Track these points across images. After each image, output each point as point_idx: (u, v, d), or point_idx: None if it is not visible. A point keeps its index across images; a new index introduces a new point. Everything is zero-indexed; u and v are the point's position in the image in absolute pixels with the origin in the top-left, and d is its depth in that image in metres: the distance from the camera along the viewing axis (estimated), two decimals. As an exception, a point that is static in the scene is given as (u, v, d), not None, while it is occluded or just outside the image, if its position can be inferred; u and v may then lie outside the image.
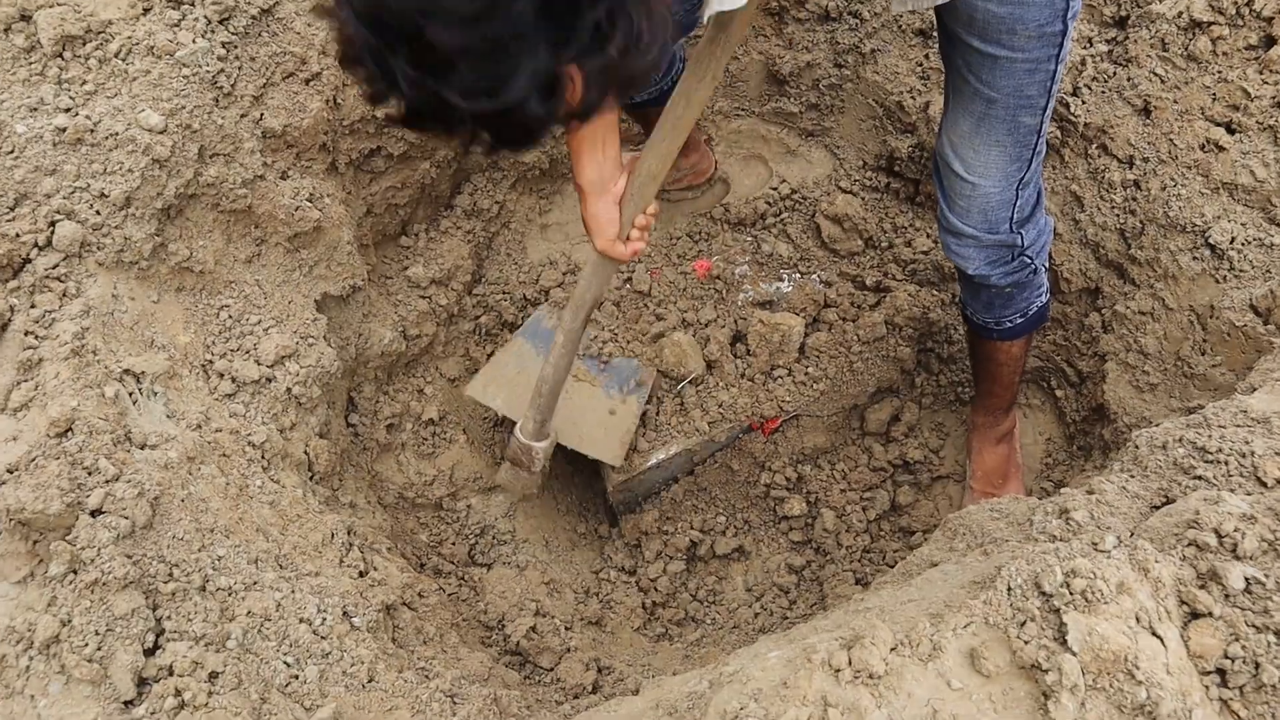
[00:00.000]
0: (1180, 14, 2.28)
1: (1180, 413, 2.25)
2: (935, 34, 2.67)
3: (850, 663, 1.31)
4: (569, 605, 2.38)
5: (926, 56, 2.68)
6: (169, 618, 1.50)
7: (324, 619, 1.64)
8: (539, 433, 2.22)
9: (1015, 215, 2.01)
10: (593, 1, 0.91)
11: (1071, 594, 1.30)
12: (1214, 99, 2.26)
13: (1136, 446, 1.77)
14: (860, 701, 1.26)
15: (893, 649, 1.33)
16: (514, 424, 2.29)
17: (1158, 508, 1.61)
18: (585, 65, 0.95)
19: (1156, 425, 1.83)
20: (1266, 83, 2.18)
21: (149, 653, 1.46)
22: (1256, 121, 2.18)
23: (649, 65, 1.00)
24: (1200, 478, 1.61)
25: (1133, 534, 1.47)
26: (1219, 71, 2.26)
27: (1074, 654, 1.25)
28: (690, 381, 2.51)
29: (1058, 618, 1.29)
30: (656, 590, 2.48)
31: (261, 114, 2.03)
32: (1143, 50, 2.33)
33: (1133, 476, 1.70)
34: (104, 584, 1.46)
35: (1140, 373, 2.35)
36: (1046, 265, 2.18)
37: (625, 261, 1.95)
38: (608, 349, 2.52)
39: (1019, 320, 2.23)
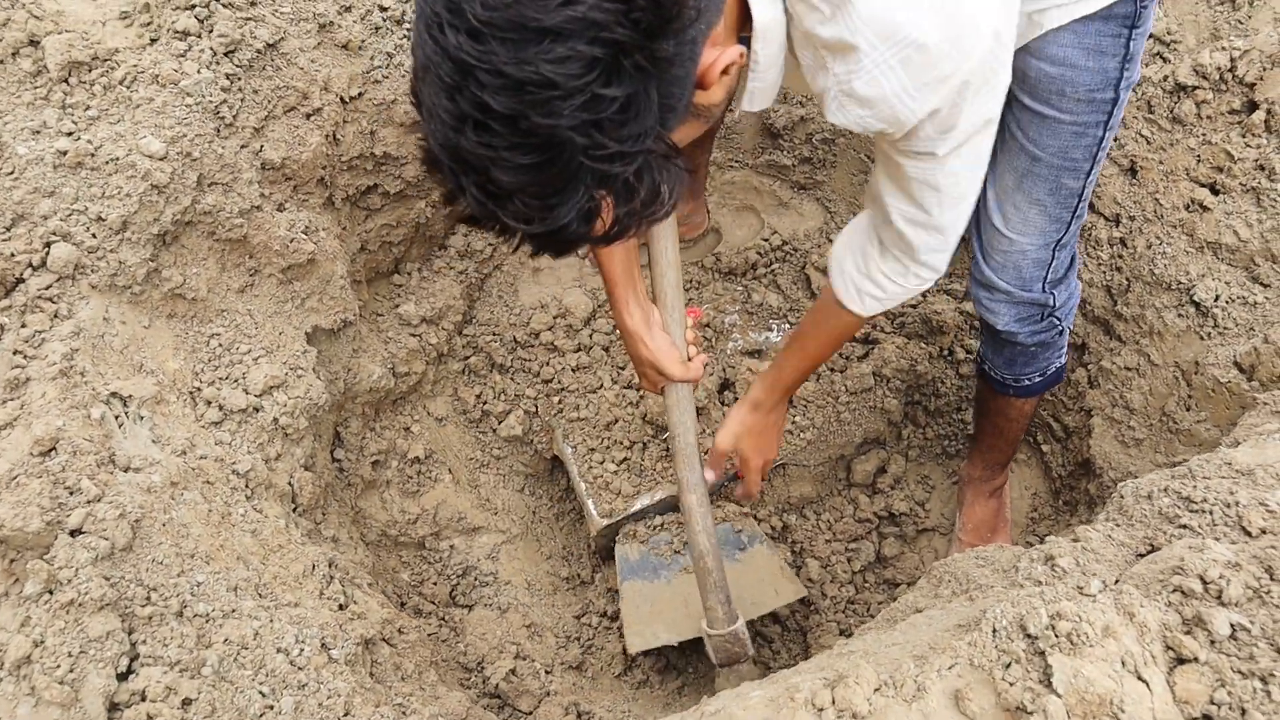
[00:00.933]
0: (1166, 78, 2.33)
1: (1165, 468, 2.26)
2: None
3: (834, 702, 1.29)
4: (550, 649, 2.36)
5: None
6: (144, 642, 1.48)
7: (302, 650, 1.61)
8: (730, 614, 2.13)
9: (1049, 275, 2.01)
10: (625, 162, 1.05)
11: (1057, 636, 1.29)
12: (1198, 160, 2.30)
13: (1122, 496, 1.78)
14: (843, 740, 1.25)
15: (876, 689, 1.31)
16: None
17: (1143, 555, 1.61)
18: (616, 206, 1.11)
19: (1137, 479, 1.83)
20: (1249, 145, 2.22)
21: (122, 677, 1.44)
22: (1240, 183, 2.22)
23: (666, 211, 1.15)
24: (1185, 526, 1.62)
25: (1118, 580, 1.46)
26: (1203, 134, 2.31)
27: (1059, 696, 1.24)
28: None
29: (1043, 660, 1.28)
30: (638, 637, 2.45)
31: (261, 145, 2.05)
32: (1130, 112, 2.38)
33: (1118, 525, 1.70)
34: (80, 605, 1.44)
35: (1126, 428, 2.36)
36: (1071, 328, 2.20)
37: (699, 380, 2.01)
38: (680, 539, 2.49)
39: (1037, 379, 2.23)
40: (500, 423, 2.62)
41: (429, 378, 2.59)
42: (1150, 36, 2.39)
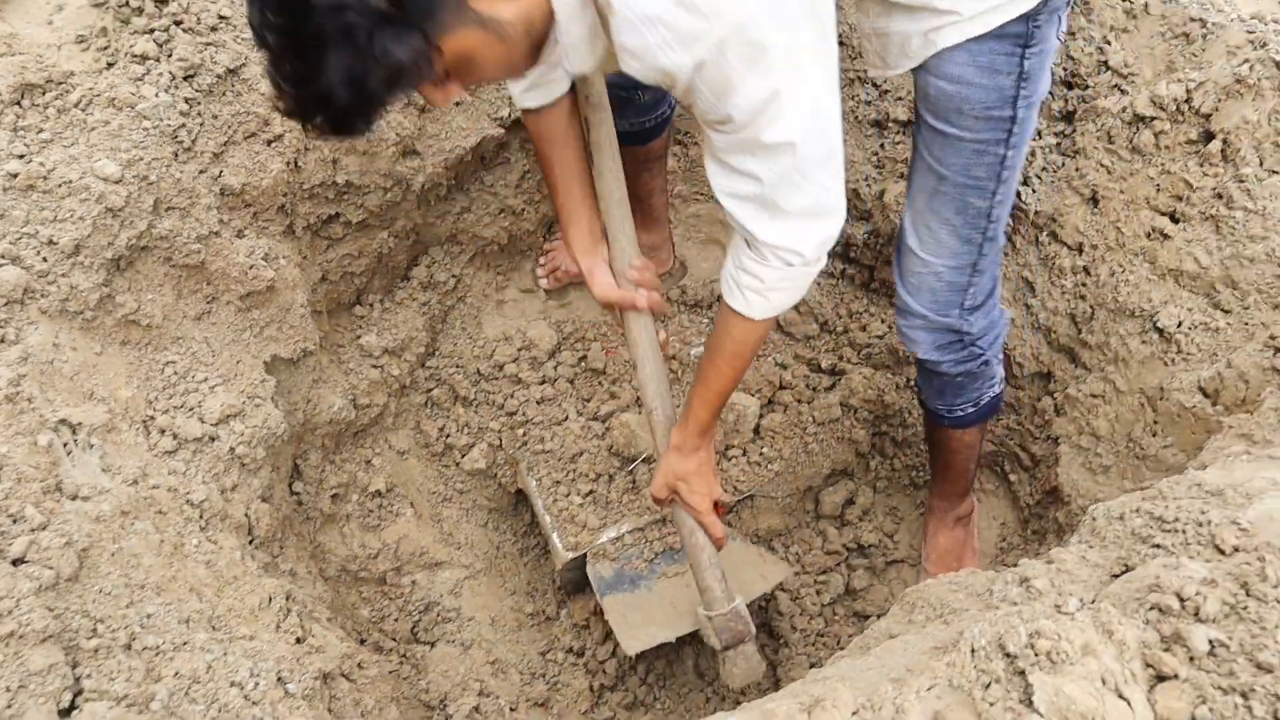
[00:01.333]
0: (1124, 109, 2.36)
1: (1134, 494, 2.25)
2: (890, 125, 2.75)
3: (811, 724, 1.26)
4: (514, 686, 2.29)
5: (881, 146, 2.75)
6: (89, 675, 1.41)
7: (257, 683, 1.55)
8: (729, 592, 2.09)
9: (966, 301, 2.03)
10: (356, 14, 1.20)
11: (1036, 655, 1.27)
12: (1158, 189, 2.33)
13: (1094, 519, 1.76)
14: (821, 764, 1.21)
15: (854, 713, 1.28)
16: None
17: (1117, 576, 1.59)
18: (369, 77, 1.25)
19: (1108, 501, 1.82)
20: (1206, 175, 2.25)
21: (64, 713, 1.37)
22: (1199, 211, 2.25)
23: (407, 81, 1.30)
24: (1159, 546, 1.60)
25: (1095, 599, 1.44)
26: (1162, 164, 2.33)
27: (1041, 715, 1.21)
28: (644, 460, 2.48)
29: (1023, 679, 1.25)
30: (605, 673, 2.40)
31: (221, 171, 2.01)
32: (1090, 142, 2.41)
33: (1091, 547, 1.68)
34: (20, 636, 1.36)
35: (1093, 455, 2.36)
36: (999, 357, 2.19)
37: (634, 304, 1.95)
38: (663, 542, 2.44)
39: (970, 410, 2.24)
40: (463, 456, 2.58)
41: (391, 410, 2.54)
42: (1107, 69, 2.43)
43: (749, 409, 2.53)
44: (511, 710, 2.18)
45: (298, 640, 1.75)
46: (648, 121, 2.37)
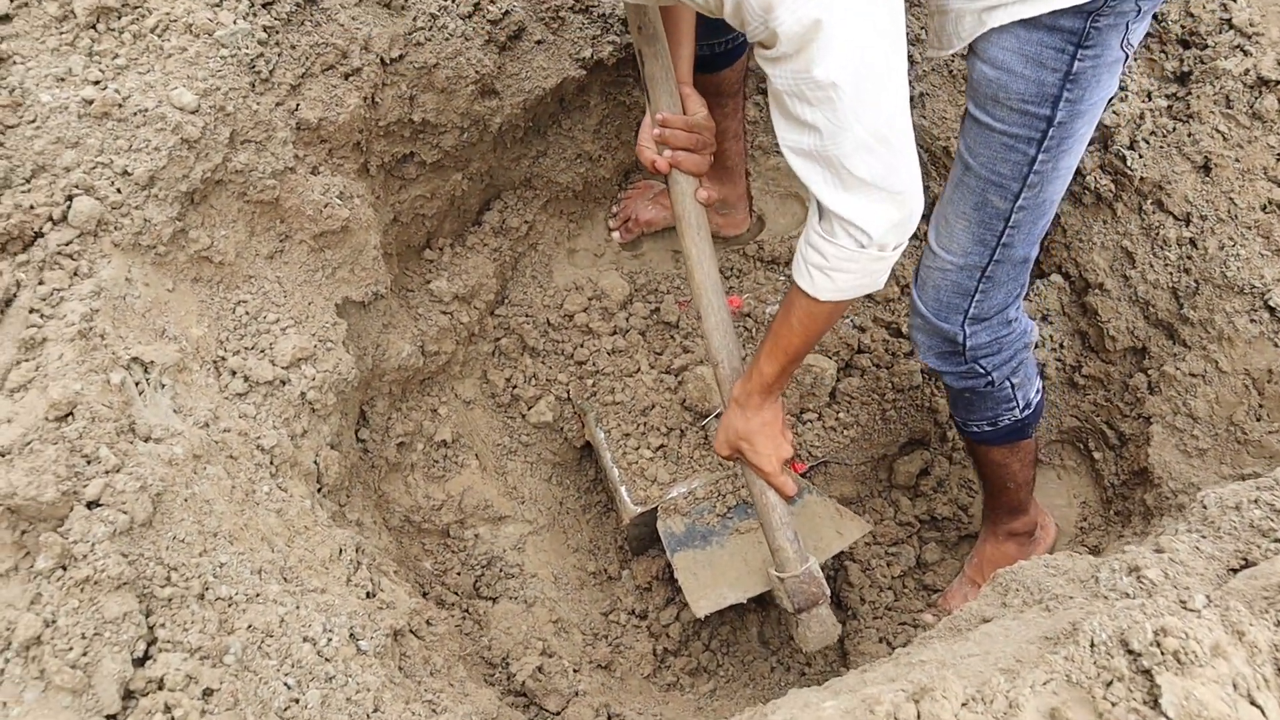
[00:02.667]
0: (1247, 71, 2.22)
1: (1232, 479, 2.15)
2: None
3: (919, 716, 1.19)
4: (577, 647, 2.25)
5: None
6: (163, 625, 1.37)
7: (329, 639, 1.50)
8: (801, 554, 2.01)
9: (970, 308, 1.91)
10: None
11: (1163, 654, 1.19)
12: (1278, 159, 2.19)
13: (1204, 507, 1.67)
14: (931, 760, 1.14)
15: (964, 704, 1.20)
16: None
17: (1235, 570, 1.50)
18: None
19: (1219, 488, 1.72)
20: (1335, 145, 2.11)
21: (139, 663, 1.33)
22: (1323, 184, 2.11)
23: None
24: (1281, 541, 1.51)
25: (1220, 596, 1.35)
26: (1284, 131, 2.20)
27: (1168, 719, 1.13)
28: (716, 416, 2.40)
29: (1148, 679, 1.17)
30: (669, 637, 2.35)
31: (298, 104, 1.94)
32: (1205, 106, 2.27)
33: (1204, 537, 1.59)
34: (96, 583, 1.33)
35: (1189, 437, 2.25)
36: (1018, 383, 2.04)
37: (650, 164, 1.88)
38: (737, 495, 2.35)
39: (987, 429, 2.11)
40: (530, 408, 2.51)
41: (459, 358, 2.48)
42: (1230, 28, 2.28)
43: (826, 371, 2.44)
44: (575, 671, 2.13)
45: (368, 594, 1.70)
46: (717, 45, 2.24)
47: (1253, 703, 1.17)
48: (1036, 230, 1.84)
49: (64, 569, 1.33)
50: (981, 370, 1.98)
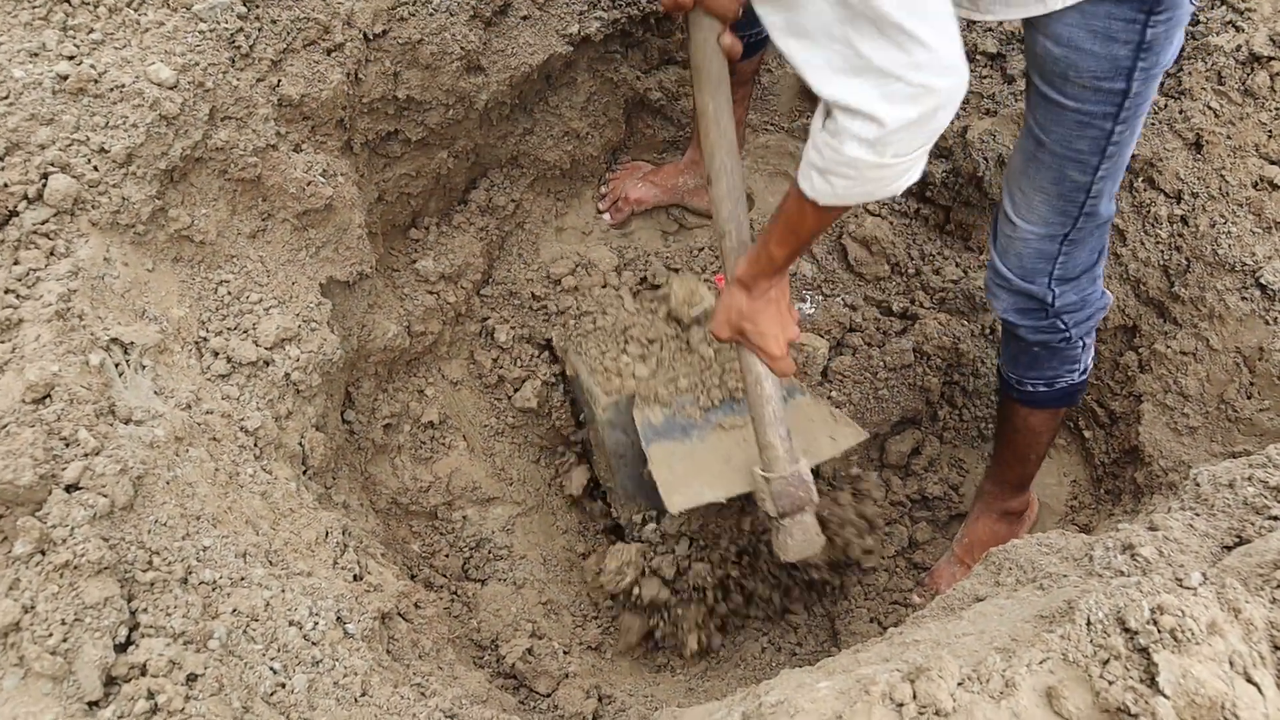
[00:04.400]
0: (1239, 48, 2.20)
1: (1223, 457, 2.14)
2: (978, 57, 2.59)
3: (915, 696, 1.17)
4: (567, 628, 2.23)
5: (967, 79, 2.59)
6: (145, 610, 1.34)
7: (316, 623, 1.48)
8: (792, 453, 1.91)
9: (1055, 270, 1.87)
10: None
11: (1160, 632, 1.17)
12: (1270, 136, 2.18)
13: (1198, 484, 1.66)
14: (927, 740, 1.13)
15: (960, 684, 1.19)
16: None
17: (1229, 547, 1.49)
18: None
19: (1212, 465, 1.71)
20: (1327, 120, 2.10)
21: (121, 648, 1.30)
22: (1316, 159, 2.10)
23: None
24: (1276, 517, 1.50)
25: (1216, 573, 1.34)
26: (1277, 108, 2.18)
27: (1166, 698, 1.12)
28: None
29: (1145, 657, 1.16)
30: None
31: (279, 80, 1.90)
32: (1197, 83, 2.25)
33: (1198, 514, 1.58)
34: (75, 568, 1.30)
35: (1179, 415, 2.24)
36: (1087, 343, 2.02)
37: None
38: (723, 389, 2.25)
39: (1042, 389, 2.07)
40: (516, 391, 2.49)
41: (445, 339, 2.45)
42: (1222, 3, 2.26)
43: (818, 350, 2.42)
44: (565, 653, 2.12)
45: (355, 577, 1.68)
46: (743, 37, 2.19)
47: (1249, 680, 1.16)
48: (1115, 188, 1.80)
49: (42, 554, 1.30)
50: (1063, 325, 1.94)
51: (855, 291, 2.61)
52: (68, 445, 1.37)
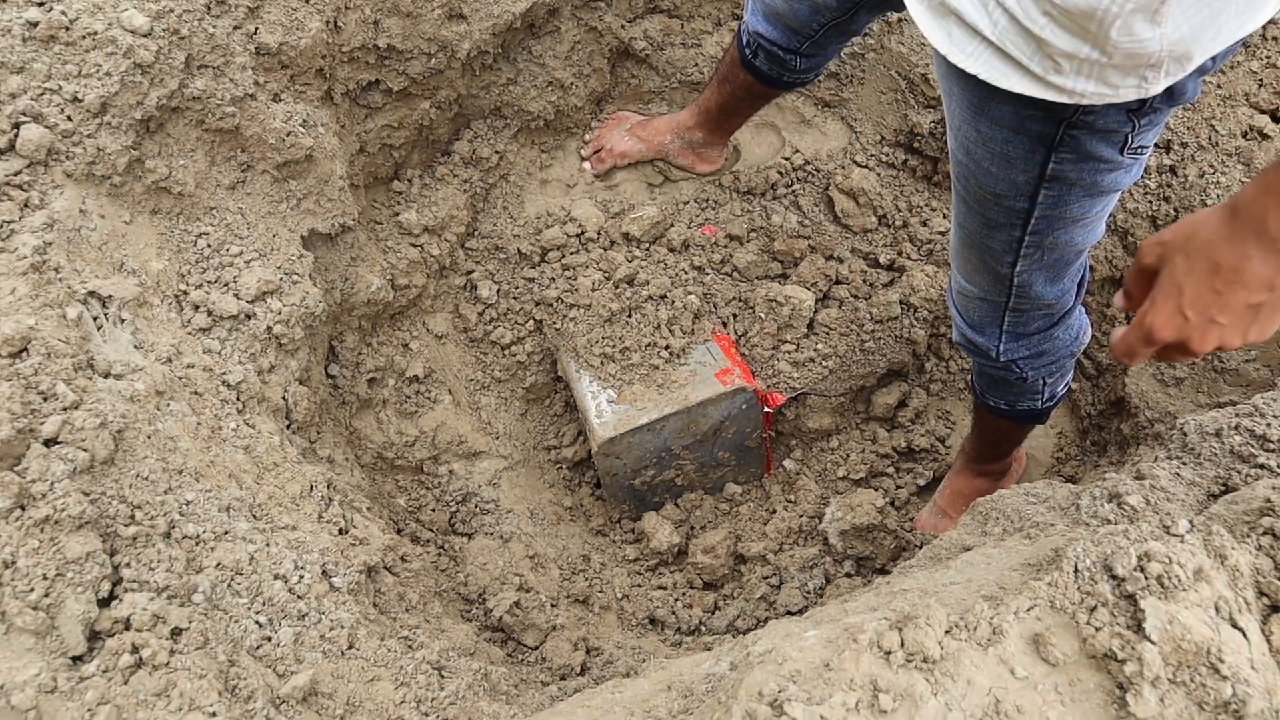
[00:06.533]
0: (1231, -8, 2.17)
1: (1209, 408, 2.14)
2: None
3: (903, 644, 1.17)
4: (554, 581, 2.23)
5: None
6: (128, 565, 1.33)
7: (301, 577, 1.47)
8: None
9: (1005, 327, 1.74)
10: None
11: (1147, 579, 1.18)
12: (1260, 85, 2.16)
13: (1184, 433, 1.66)
14: (915, 687, 1.13)
15: (947, 631, 1.19)
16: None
17: (1215, 496, 1.50)
18: None
19: (1199, 415, 1.71)
20: (1319, 67, 2.08)
21: (104, 603, 1.29)
22: (1306, 107, 2.09)
23: None
24: (1262, 466, 1.50)
25: (1203, 520, 1.35)
26: (1267, 57, 2.16)
27: (1153, 644, 1.12)
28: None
29: (1132, 604, 1.16)
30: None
31: (256, 28, 1.86)
32: (1188, 28, 2.22)
33: (1184, 464, 1.58)
34: (56, 522, 1.28)
35: (1165, 366, 2.24)
36: (1053, 380, 1.88)
37: None
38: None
39: (1003, 407, 1.98)
40: (505, 350, 2.48)
41: (430, 292, 2.42)
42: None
43: (804, 302, 2.41)
44: (552, 606, 2.12)
45: (340, 531, 1.67)
46: (786, 77, 2.15)
47: (1234, 625, 1.16)
48: (1063, 273, 1.62)
49: (22, 509, 1.28)
50: (1017, 369, 1.84)
51: (842, 243, 2.59)
52: (45, 399, 1.35)
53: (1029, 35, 1.23)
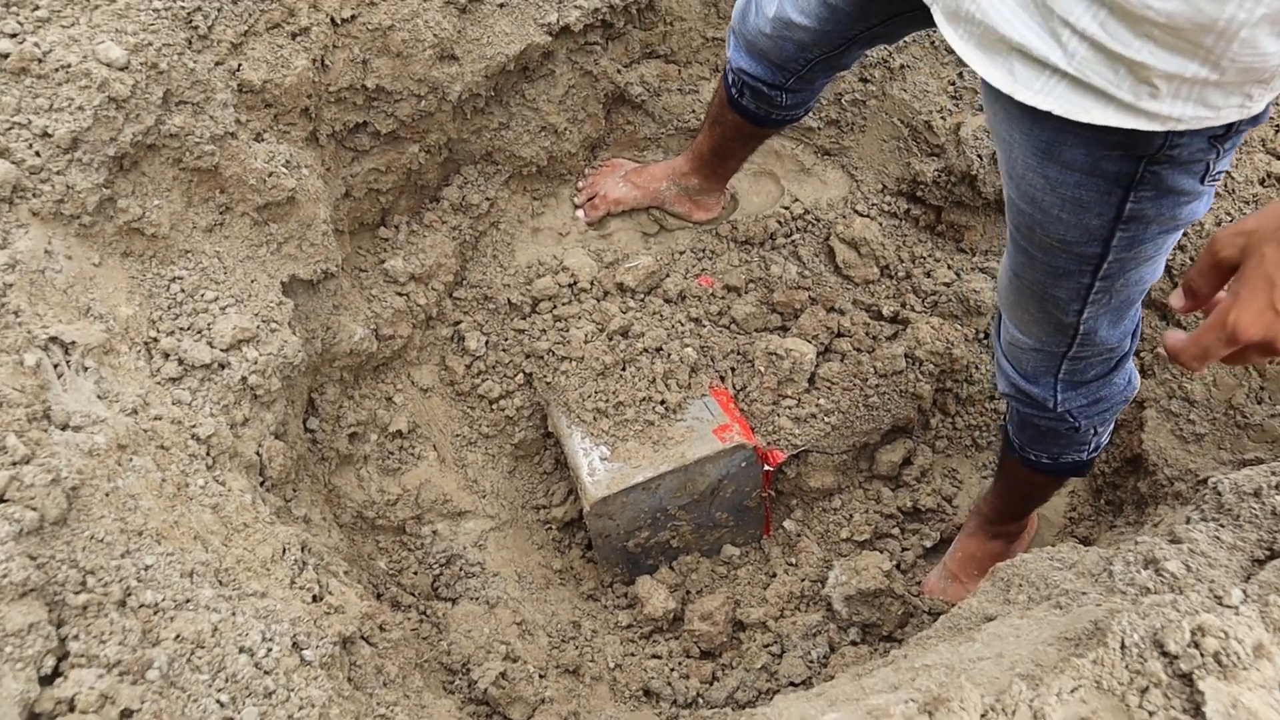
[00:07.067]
0: (1244, 39, 2.12)
1: (1233, 465, 2.05)
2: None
3: (934, 729, 1.06)
4: (543, 650, 2.10)
5: (960, 75, 2.51)
6: (76, 637, 1.20)
7: (269, 649, 1.35)
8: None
9: (1061, 375, 1.67)
10: None
11: (1203, 655, 1.07)
12: (1277, 132, 2.10)
13: (1219, 493, 1.56)
14: (951, 779, 1.02)
15: (983, 715, 1.08)
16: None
17: (1260, 561, 1.40)
18: None
19: (1233, 473, 1.62)
20: (1337, 116, 2.02)
21: (46, 681, 1.17)
22: (1326, 156, 2.02)
23: None
24: (1309, 530, 1.40)
25: (1257, 590, 1.24)
26: (1282, 103, 2.10)
27: (1215, 731, 1.01)
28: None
29: (1188, 684, 1.06)
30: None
31: (240, 64, 1.78)
32: (1200, 76, 2.17)
33: (1223, 526, 1.48)
34: (-1, 589, 1.16)
35: (1185, 421, 2.15)
36: (1099, 430, 1.80)
37: None
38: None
39: (1045, 461, 1.88)
40: (494, 404, 2.37)
41: (415, 343, 2.32)
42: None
43: (805, 356, 2.32)
44: (541, 677, 1.99)
45: (314, 598, 1.55)
46: (774, 114, 2.10)
47: (1300, 709, 1.05)
48: (1125, 315, 1.56)
49: (-38, 574, 1.16)
50: (1071, 419, 1.74)
51: (843, 295, 2.51)
52: (-7, 453, 1.24)
53: (1118, 61, 1.14)
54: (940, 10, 1.32)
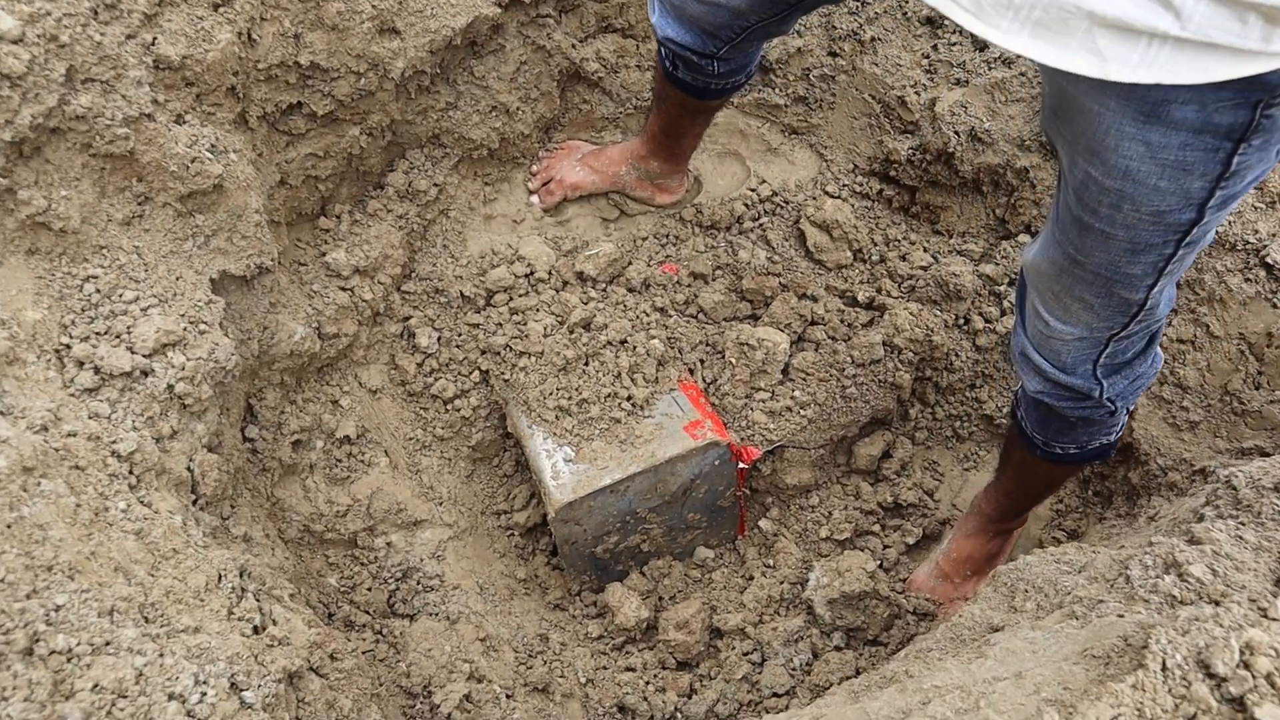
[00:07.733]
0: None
1: (1230, 454, 1.96)
2: (946, 22, 2.39)
3: (963, 772, 0.94)
4: (509, 667, 1.96)
5: (934, 48, 2.39)
6: (-24, 692, 1.05)
7: (203, 694, 1.20)
8: None
9: (1102, 360, 1.57)
10: None
11: (1255, 677, 0.96)
12: (1267, 101, 2.01)
13: (1233, 488, 1.46)
14: (986, 831, 0.90)
15: (1014, 751, 0.96)
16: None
17: (1289, 563, 1.30)
18: None
19: (1246, 465, 1.52)
20: (1331, 82, 1.93)
21: (-59, 744, 1.01)
22: (1321, 125, 1.93)
23: None
24: (1340, 527, 1.31)
25: (1292, 596, 1.14)
26: None
27: (1277, 764, 0.90)
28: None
29: (1240, 710, 0.94)
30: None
31: (155, 38, 1.60)
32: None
33: (1243, 524, 1.38)
34: (-121, 643, 1.00)
35: (1178, 408, 2.06)
36: (1131, 411, 1.73)
37: None
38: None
39: (1073, 451, 1.77)
40: (448, 404, 2.21)
41: (362, 341, 2.16)
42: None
43: (779, 345, 2.19)
44: (508, 697, 1.85)
45: (255, 629, 1.39)
46: (713, 84, 1.98)
47: (1362, 733, 0.94)
48: (1170, 285, 1.48)
49: None
50: (1109, 403, 1.65)
51: (815, 280, 2.38)
52: None
53: (1247, 9, 1.04)
54: (964, 7, 1.17)
